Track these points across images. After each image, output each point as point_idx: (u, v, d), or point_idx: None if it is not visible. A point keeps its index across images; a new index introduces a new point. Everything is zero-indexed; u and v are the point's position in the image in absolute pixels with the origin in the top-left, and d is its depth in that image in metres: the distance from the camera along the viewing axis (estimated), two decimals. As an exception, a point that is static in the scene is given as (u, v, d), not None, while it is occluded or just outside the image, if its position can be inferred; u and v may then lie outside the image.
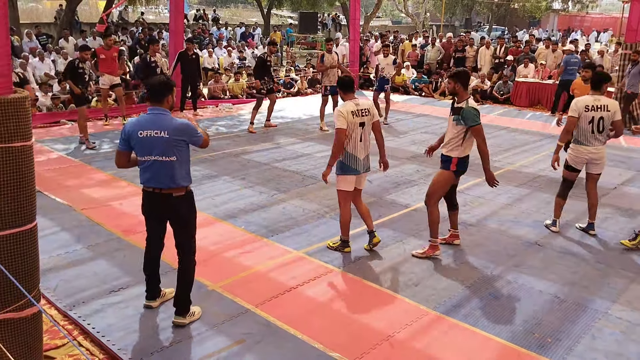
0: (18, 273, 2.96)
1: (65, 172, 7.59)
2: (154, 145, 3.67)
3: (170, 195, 3.78)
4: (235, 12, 41.34)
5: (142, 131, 3.69)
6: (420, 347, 3.81)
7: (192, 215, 3.93)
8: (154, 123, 3.70)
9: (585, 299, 4.51)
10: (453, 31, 32.23)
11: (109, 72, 10.24)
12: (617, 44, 15.06)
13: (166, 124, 3.69)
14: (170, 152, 3.69)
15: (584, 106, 5.51)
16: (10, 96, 2.88)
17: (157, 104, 3.77)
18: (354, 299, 4.43)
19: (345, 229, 5.21)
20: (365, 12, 34.29)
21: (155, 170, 3.73)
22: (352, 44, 16.08)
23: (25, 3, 28.39)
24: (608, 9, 44.51)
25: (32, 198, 3.04)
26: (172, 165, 3.72)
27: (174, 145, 3.70)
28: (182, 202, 3.84)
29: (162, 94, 3.75)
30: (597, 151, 5.57)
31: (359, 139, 4.94)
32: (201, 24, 25.23)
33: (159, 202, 3.82)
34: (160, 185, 3.76)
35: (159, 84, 3.77)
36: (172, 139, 3.68)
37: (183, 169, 3.78)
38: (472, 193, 7.05)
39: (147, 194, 3.86)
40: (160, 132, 3.67)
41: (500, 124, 11.80)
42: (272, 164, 8.20)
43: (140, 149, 3.73)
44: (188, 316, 4.01)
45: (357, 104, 4.93)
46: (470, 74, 16.02)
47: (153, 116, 3.73)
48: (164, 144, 3.67)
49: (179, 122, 3.75)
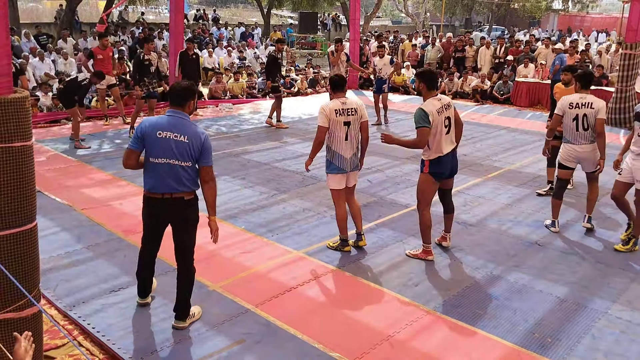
0: (18, 273, 2.96)
1: (66, 172, 7.59)
2: (172, 148, 3.62)
3: (181, 199, 3.72)
4: (235, 12, 41.33)
5: (161, 132, 3.64)
6: (420, 347, 3.81)
7: (196, 220, 3.89)
8: (175, 126, 3.65)
9: (585, 299, 4.51)
10: (453, 31, 32.23)
11: (106, 71, 10.26)
12: (618, 44, 15.06)
13: (187, 129, 3.65)
14: (187, 158, 3.64)
15: (568, 103, 5.56)
16: (10, 96, 2.88)
17: (178, 108, 3.73)
18: (354, 299, 4.43)
19: (342, 227, 5.21)
20: (365, 12, 34.28)
21: (166, 174, 3.65)
22: (352, 44, 16.08)
23: (25, 3, 28.38)
24: (608, 9, 44.51)
25: (32, 198, 3.04)
26: (185, 170, 3.67)
27: (192, 151, 3.64)
28: (191, 206, 3.80)
29: (185, 98, 3.72)
30: (582, 150, 5.58)
31: (344, 138, 4.94)
32: (201, 24, 25.23)
33: (168, 207, 3.73)
34: (170, 189, 3.67)
35: (182, 89, 3.73)
36: (191, 145, 3.63)
37: (194, 174, 3.74)
38: (472, 193, 7.05)
39: (155, 200, 3.74)
40: (180, 136, 3.62)
41: (500, 124, 11.79)
42: (272, 164, 8.20)
43: (154, 150, 3.65)
44: (188, 319, 4.00)
45: (343, 102, 4.93)
46: (470, 74, 16.04)
47: (173, 119, 3.68)
48: (183, 149, 3.62)
49: (200, 132, 3.70)
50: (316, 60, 20.01)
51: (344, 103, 4.94)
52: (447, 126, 4.85)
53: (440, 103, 4.82)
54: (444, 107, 4.83)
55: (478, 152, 9.09)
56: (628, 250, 5.39)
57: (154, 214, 3.83)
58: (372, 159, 8.45)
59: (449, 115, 4.87)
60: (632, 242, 5.42)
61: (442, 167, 4.90)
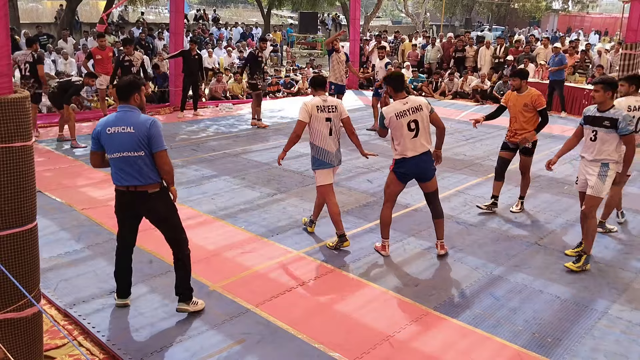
0: (18, 273, 2.96)
1: (66, 172, 7.60)
2: (122, 141, 3.73)
3: (145, 193, 3.81)
4: (235, 12, 41.32)
5: (110, 128, 3.77)
6: (420, 347, 3.81)
7: (170, 209, 3.95)
8: (122, 120, 3.78)
9: (586, 299, 4.50)
10: (453, 31, 32.22)
11: (105, 72, 10.30)
12: (618, 44, 15.06)
13: (133, 120, 3.76)
14: (137, 147, 3.74)
15: (627, 106, 5.46)
16: (10, 96, 2.88)
17: (125, 102, 3.86)
18: (354, 299, 4.43)
19: (337, 221, 5.25)
20: (365, 12, 34.28)
21: (125, 167, 3.76)
22: (352, 44, 16.07)
23: (25, 3, 28.37)
24: (608, 9, 44.50)
25: (32, 198, 3.04)
26: (141, 160, 3.75)
27: (140, 140, 3.73)
28: (157, 199, 3.86)
29: (129, 91, 3.85)
30: None
31: (328, 133, 5.15)
32: (201, 24, 25.23)
33: (135, 201, 3.85)
34: (133, 182, 3.78)
35: (125, 84, 3.87)
36: (138, 134, 3.73)
37: (153, 165, 3.80)
38: (472, 193, 7.05)
39: (121, 193, 3.87)
40: (127, 127, 3.74)
41: (500, 123, 11.75)
42: (272, 164, 8.19)
43: (109, 146, 3.79)
44: (192, 304, 4.08)
45: (324, 100, 5.17)
46: (470, 74, 16.02)
47: (120, 113, 3.82)
48: (131, 140, 3.72)
49: (146, 119, 3.79)
50: (317, 60, 19.99)
51: (324, 100, 5.17)
52: (414, 129, 4.82)
53: (406, 106, 4.84)
54: (411, 110, 4.83)
55: (478, 152, 9.09)
56: (579, 268, 4.91)
57: (122, 206, 3.93)
58: (372, 158, 8.44)
59: (416, 118, 4.83)
60: (583, 259, 4.95)
61: (406, 169, 4.93)
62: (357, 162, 8.25)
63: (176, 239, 3.99)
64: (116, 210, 3.99)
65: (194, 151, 8.91)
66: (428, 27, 32.46)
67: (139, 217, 3.99)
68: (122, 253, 4.10)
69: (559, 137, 10.46)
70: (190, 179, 7.41)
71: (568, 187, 7.38)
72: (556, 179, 7.73)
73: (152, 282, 4.58)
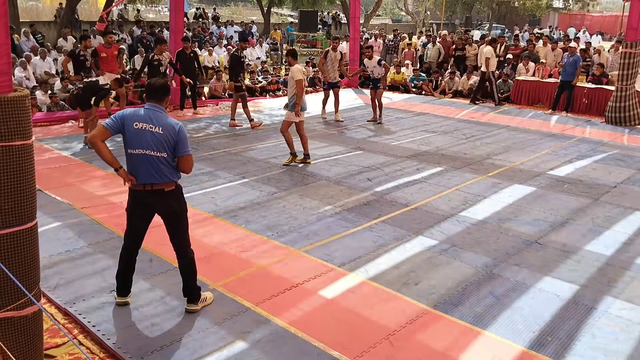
0: (18, 271, 2.97)
1: (66, 170, 7.60)
2: (147, 139, 3.75)
3: (162, 191, 3.84)
4: (235, 10, 41.25)
5: (137, 123, 3.77)
6: (421, 346, 3.82)
7: (183, 209, 4.00)
8: (151, 118, 3.79)
9: (585, 298, 4.51)
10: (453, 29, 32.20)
11: (110, 70, 10.23)
12: (617, 42, 15.04)
13: (162, 122, 3.79)
14: (162, 148, 3.77)
15: None
16: (10, 95, 2.88)
17: (156, 102, 3.88)
18: (354, 297, 4.43)
19: (291, 146, 7.92)
20: (366, 10, 34.25)
21: (144, 164, 3.77)
22: (352, 42, 16.06)
23: (25, 1, 28.34)
24: (608, 8, 44.47)
25: (32, 197, 3.04)
26: (162, 160, 3.78)
27: (167, 142, 3.77)
28: (173, 197, 3.90)
29: (164, 94, 3.91)
30: None
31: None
32: (201, 23, 25.21)
33: (150, 199, 3.86)
34: (151, 180, 3.80)
35: (161, 85, 3.90)
36: (166, 136, 3.76)
37: (172, 165, 3.85)
38: (472, 191, 7.05)
39: (136, 191, 3.88)
40: (156, 127, 3.76)
41: (500, 122, 11.79)
42: (273, 162, 8.20)
43: (132, 141, 3.79)
44: (200, 302, 4.13)
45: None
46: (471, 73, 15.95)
47: (150, 112, 3.83)
48: (157, 140, 3.75)
49: (175, 123, 3.84)
50: (316, 59, 19.96)
51: None
52: None
53: None
54: None
55: (478, 150, 9.08)
56: None
57: (138, 206, 3.93)
58: (372, 158, 8.46)
59: None
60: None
61: None
62: (357, 161, 8.25)
63: (182, 240, 4.00)
64: (129, 210, 3.99)
65: (194, 150, 8.87)
66: (428, 26, 32.43)
67: (152, 216, 4.01)
68: (128, 254, 4.10)
69: (559, 137, 10.46)
70: (190, 177, 7.40)
71: (568, 185, 7.38)
72: (557, 177, 7.73)
73: (153, 280, 4.58)
